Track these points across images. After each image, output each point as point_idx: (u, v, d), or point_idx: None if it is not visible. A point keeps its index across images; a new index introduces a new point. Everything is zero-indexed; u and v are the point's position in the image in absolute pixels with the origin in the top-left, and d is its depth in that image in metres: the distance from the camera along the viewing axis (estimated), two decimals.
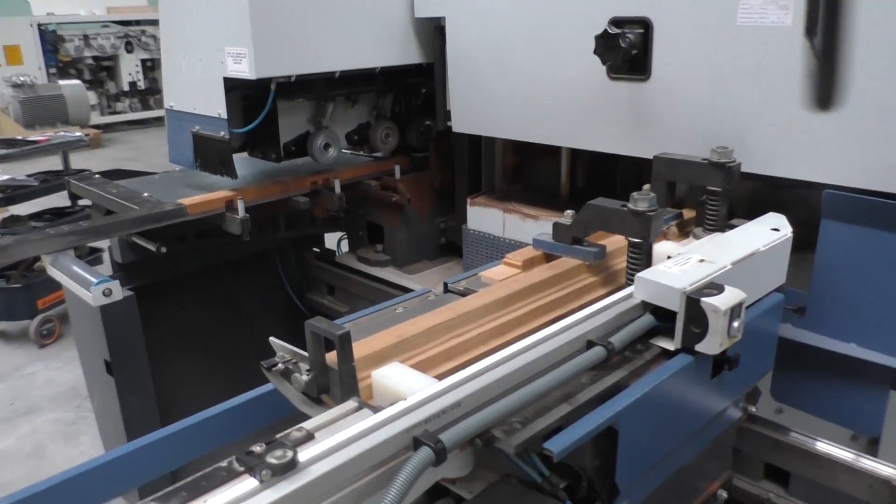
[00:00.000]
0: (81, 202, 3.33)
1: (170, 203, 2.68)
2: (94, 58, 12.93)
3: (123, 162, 10.04)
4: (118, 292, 2.18)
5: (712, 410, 1.68)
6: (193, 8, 2.68)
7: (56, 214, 5.44)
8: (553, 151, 2.87)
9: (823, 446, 1.89)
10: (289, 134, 2.98)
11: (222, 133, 2.71)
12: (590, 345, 1.43)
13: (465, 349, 1.56)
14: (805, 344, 2.04)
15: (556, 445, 1.18)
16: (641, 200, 1.75)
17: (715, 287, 1.47)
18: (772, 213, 1.97)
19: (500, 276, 1.91)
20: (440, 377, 1.33)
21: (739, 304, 1.45)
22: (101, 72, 13.24)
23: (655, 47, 2.17)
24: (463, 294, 1.84)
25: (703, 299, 1.42)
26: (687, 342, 1.48)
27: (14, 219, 5.35)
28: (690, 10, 2.07)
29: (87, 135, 10.31)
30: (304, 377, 1.36)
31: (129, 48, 13.22)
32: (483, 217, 2.94)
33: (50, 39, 12.27)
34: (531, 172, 3.15)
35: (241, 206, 2.72)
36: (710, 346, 1.44)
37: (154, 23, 13.08)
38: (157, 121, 13.57)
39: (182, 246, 2.94)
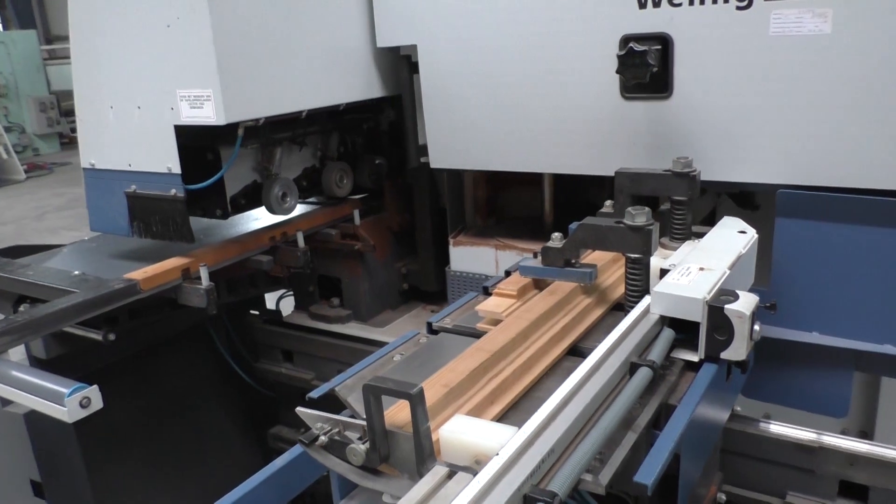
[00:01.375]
0: None
1: (117, 280, 2.22)
2: None
3: None
4: (97, 400, 1.73)
5: (726, 416, 1.74)
6: (126, 46, 2.26)
7: None
8: (531, 180, 2.72)
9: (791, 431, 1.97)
10: (235, 186, 2.60)
11: (173, 191, 2.30)
12: (633, 366, 1.44)
13: (504, 389, 1.50)
14: (769, 338, 2.03)
15: (646, 478, 1.16)
16: (638, 215, 1.73)
17: (730, 294, 1.51)
18: (727, 216, 2.05)
19: (499, 307, 1.83)
20: (504, 424, 1.26)
21: (757, 307, 1.49)
22: None
23: (677, 63, 2.07)
24: (457, 332, 1.81)
25: (727, 306, 1.45)
26: (711, 351, 1.50)
27: None
28: (715, 23, 2.00)
29: None
30: (362, 447, 1.21)
31: None
32: (470, 257, 2.73)
33: None
34: (506, 204, 2.98)
35: (204, 273, 2.32)
36: (737, 351, 1.47)
37: None
38: None
39: (116, 329, 2.46)
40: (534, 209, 2.86)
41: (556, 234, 1.89)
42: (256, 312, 3.31)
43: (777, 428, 1.99)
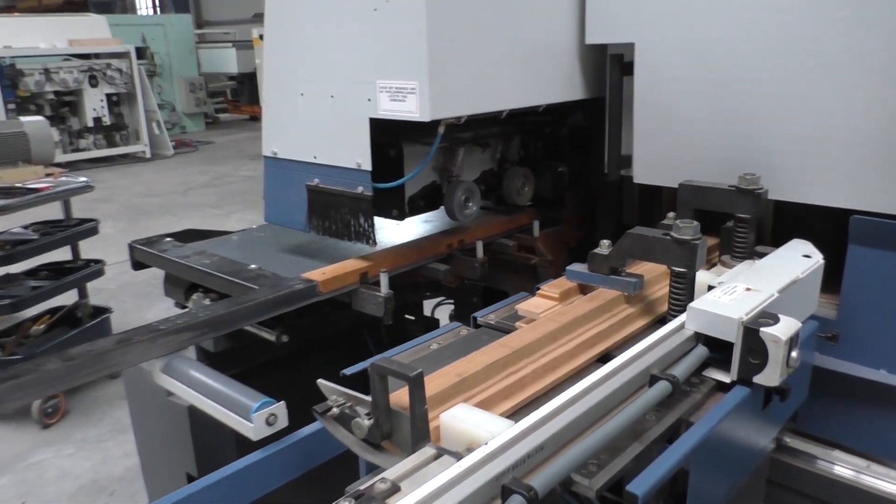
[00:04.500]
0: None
1: (297, 280, 2.08)
2: (56, 93, 12.01)
3: (95, 203, 9.24)
4: (283, 418, 1.57)
5: (763, 443, 1.67)
6: (324, 30, 2.11)
7: (55, 271, 4.73)
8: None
9: (855, 475, 1.92)
10: (415, 186, 2.41)
11: (360, 188, 2.13)
12: (653, 379, 1.40)
13: (521, 386, 1.52)
14: (833, 371, 1.99)
15: (639, 488, 1.13)
16: (685, 229, 1.70)
17: (770, 316, 1.45)
18: (796, 239, 1.95)
19: (538, 308, 1.85)
20: (506, 418, 1.30)
21: (797, 334, 1.42)
22: (62, 107, 12.33)
23: None
24: (496, 328, 1.83)
25: (763, 329, 1.40)
26: (744, 374, 1.45)
27: (8, 278, 4.64)
28: None
29: (51, 174, 9.53)
30: (367, 422, 1.29)
31: (94, 82, 12.36)
32: None
33: (8, 74, 11.39)
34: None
35: (384, 280, 2.14)
36: (770, 377, 1.42)
37: (120, 56, 12.33)
38: (124, 158, 12.76)
39: (284, 328, 2.33)
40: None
41: (605, 242, 1.87)
42: (413, 318, 3.14)
43: (831, 466, 1.95)
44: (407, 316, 3.14)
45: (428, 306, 3.26)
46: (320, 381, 1.41)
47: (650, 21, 2.18)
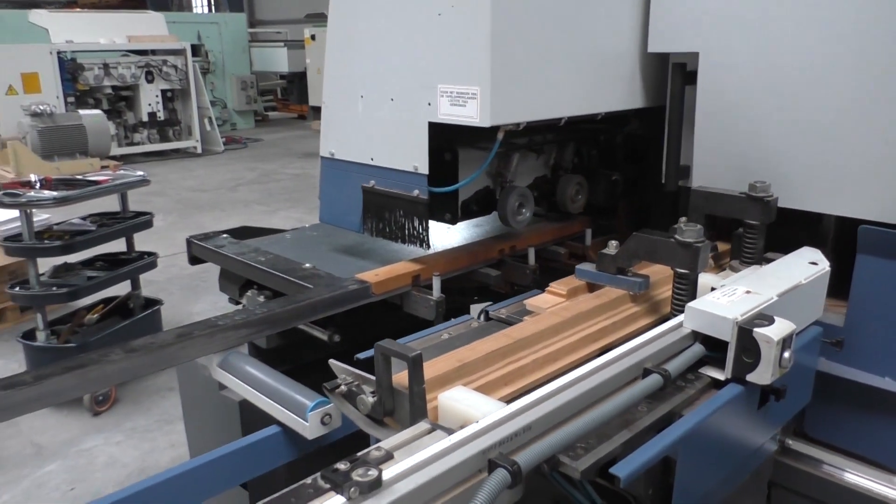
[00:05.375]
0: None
1: (350, 280, 2.09)
2: (114, 87, 12.35)
3: (148, 196, 9.42)
4: (337, 418, 1.58)
5: (758, 441, 1.72)
6: (388, 33, 2.12)
7: (110, 262, 4.84)
8: (810, 219, 2.32)
9: (861, 480, 1.96)
10: (468, 190, 2.41)
11: (416, 192, 2.14)
12: (646, 372, 1.46)
13: (521, 374, 1.60)
14: (839, 377, 2.02)
15: (622, 471, 1.19)
16: (689, 232, 1.77)
17: (765, 318, 1.50)
18: (806, 246, 1.99)
19: (546, 304, 1.94)
20: (501, 401, 1.39)
21: (790, 335, 1.47)
22: (119, 101, 12.66)
23: None
24: (506, 321, 1.89)
25: (756, 329, 1.46)
26: (738, 372, 1.51)
27: (66, 267, 4.77)
28: None
29: (106, 167, 9.78)
30: (370, 399, 1.39)
31: (150, 78, 12.66)
32: None
33: (69, 68, 11.72)
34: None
35: (436, 284, 2.14)
36: (762, 376, 1.47)
37: (176, 53, 12.60)
38: (176, 153, 13.02)
39: (335, 327, 2.35)
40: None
41: (613, 242, 1.95)
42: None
43: (836, 471, 1.99)
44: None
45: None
46: (331, 361, 1.51)
47: (716, 30, 2.14)
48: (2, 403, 1.39)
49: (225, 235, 2.57)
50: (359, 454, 1.13)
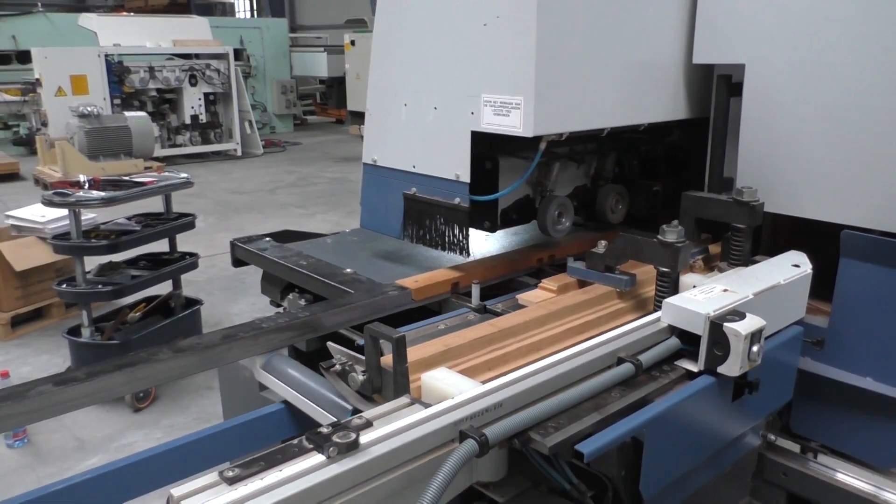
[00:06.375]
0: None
1: (391, 286, 2.12)
2: (158, 90, 12.62)
3: (188, 197, 9.60)
4: None
5: (732, 432, 1.79)
6: (433, 42, 2.14)
7: (153, 262, 4.94)
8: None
9: (844, 477, 2.03)
10: (508, 199, 2.42)
11: (457, 199, 2.15)
12: (620, 361, 1.55)
13: (505, 361, 1.70)
14: (823, 377, 2.09)
15: (586, 448, 1.28)
16: (670, 233, 1.92)
17: (737, 314, 1.58)
18: (793, 250, 2.09)
19: (537, 298, 2.05)
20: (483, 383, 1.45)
21: (759, 331, 1.56)
22: (163, 104, 12.93)
23: None
24: (500, 314, 1.97)
25: (726, 324, 1.54)
26: (710, 364, 1.59)
27: (111, 266, 4.89)
28: None
29: (150, 167, 9.97)
30: (360, 377, 1.53)
31: (193, 81, 12.91)
32: None
33: (116, 70, 12.01)
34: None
35: (476, 291, 2.15)
36: (731, 368, 1.55)
37: (219, 57, 12.82)
38: (216, 155, 13.24)
39: None
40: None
41: (602, 242, 2.07)
42: None
43: (817, 467, 2.08)
44: None
45: None
46: (329, 344, 1.64)
47: (763, 42, 2.12)
48: (55, 399, 1.44)
49: (268, 239, 2.61)
50: (341, 421, 1.23)
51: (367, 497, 1.16)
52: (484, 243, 2.66)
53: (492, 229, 2.38)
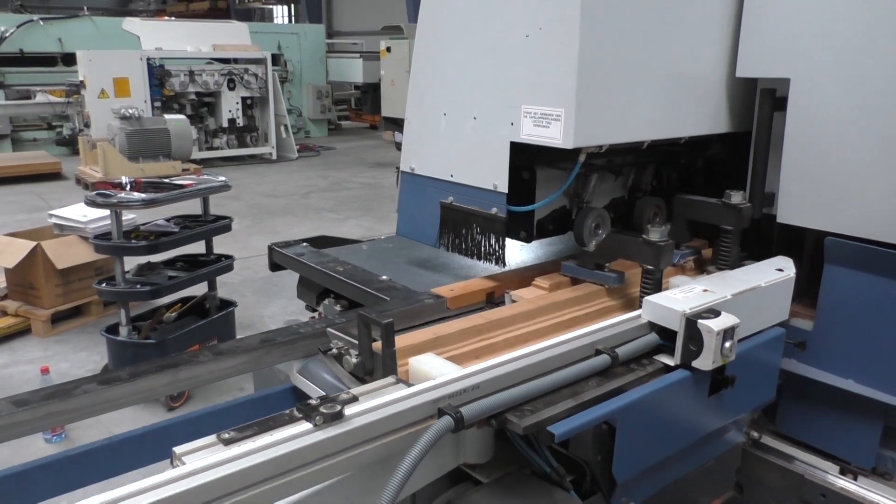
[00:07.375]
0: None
1: (426, 294, 2.13)
2: (197, 93, 12.84)
3: (224, 199, 9.74)
4: None
5: (710, 426, 1.86)
6: (474, 53, 2.15)
7: (190, 263, 5.02)
8: None
9: (825, 476, 2.11)
10: (545, 209, 2.41)
11: (495, 209, 2.15)
12: (598, 353, 1.65)
13: (492, 351, 1.79)
14: (808, 378, 2.16)
15: (557, 429, 1.38)
16: (654, 232, 2.02)
17: (713, 312, 1.67)
18: (780, 256, 2.18)
19: (529, 294, 2.14)
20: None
21: (732, 328, 1.64)
22: (202, 107, 13.14)
23: None
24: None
25: (700, 321, 1.63)
26: (685, 359, 1.68)
27: (149, 266, 4.98)
28: None
29: (187, 169, 10.14)
30: (354, 360, 1.66)
31: (231, 85, 13.10)
32: None
33: (157, 74, 12.24)
34: None
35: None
36: (705, 362, 1.64)
37: (257, 62, 13.00)
38: (252, 158, 13.42)
39: None
40: None
41: (593, 241, 2.17)
42: None
43: (800, 466, 2.15)
44: None
45: None
46: (328, 329, 1.77)
47: (808, 57, 2.09)
48: (100, 398, 1.47)
49: (304, 244, 2.64)
50: (330, 395, 1.36)
51: (349, 463, 1.28)
52: (518, 254, 2.66)
53: (528, 240, 2.38)
